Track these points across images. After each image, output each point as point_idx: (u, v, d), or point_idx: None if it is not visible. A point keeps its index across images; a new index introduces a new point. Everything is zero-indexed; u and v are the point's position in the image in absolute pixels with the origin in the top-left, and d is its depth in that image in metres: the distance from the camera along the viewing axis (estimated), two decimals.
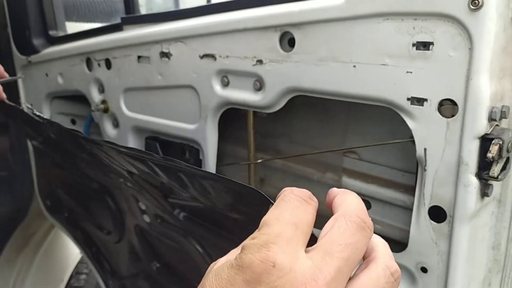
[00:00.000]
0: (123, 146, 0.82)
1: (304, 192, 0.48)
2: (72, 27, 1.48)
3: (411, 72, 0.76)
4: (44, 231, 1.73)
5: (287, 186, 1.17)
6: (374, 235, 0.49)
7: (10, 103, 1.17)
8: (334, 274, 0.40)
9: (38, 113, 1.04)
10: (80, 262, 1.91)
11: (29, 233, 1.68)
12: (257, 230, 0.44)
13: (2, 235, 1.61)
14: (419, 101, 0.76)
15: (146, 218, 1.11)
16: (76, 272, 1.89)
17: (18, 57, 1.47)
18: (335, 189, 0.51)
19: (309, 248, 0.43)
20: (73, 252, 1.89)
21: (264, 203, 0.57)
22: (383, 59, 0.78)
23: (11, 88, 1.53)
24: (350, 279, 0.43)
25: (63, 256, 1.84)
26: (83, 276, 1.90)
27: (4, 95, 1.21)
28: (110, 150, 0.87)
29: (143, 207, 1.10)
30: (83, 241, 1.52)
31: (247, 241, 0.42)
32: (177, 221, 1.00)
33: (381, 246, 0.48)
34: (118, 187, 1.12)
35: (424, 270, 0.83)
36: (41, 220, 1.64)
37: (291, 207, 0.45)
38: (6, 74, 1.23)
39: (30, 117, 1.08)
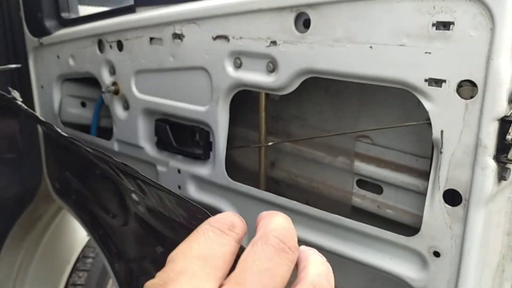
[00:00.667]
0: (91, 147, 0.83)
1: (224, 222, 0.43)
2: (85, 11, 1.48)
3: (429, 53, 0.75)
4: (51, 214, 1.73)
5: (298, 170, 1.17)
6: (310, 252, 0.45)
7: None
8: None
9: (26, 108, 1.04)
10: (87, 246, 1.91)
11: (37, 215, 1.68)
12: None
13: (10, 217, 1.62)
14: (438, 82, 0.75)
15: (141, 209, 1.11)
16: (83, 256, 1.90)
17: (30, 39, 1.46)
18: (264, 212, 0.47)
19: (225, 281, 0.39)
20: (79, 236, 1.89)
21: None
22: (401, 39, 0.77)
23: (23, 70, 1.53)
24: None
25: (69, 239, 1.85)
26: (90, 260, 1.90)
27: None
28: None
29: (136, 199, 1.09)
30: (90, 224, 1.52)
31: (148, 282, 0.39)
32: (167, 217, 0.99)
33: (312, 264, 0.43)
34: (116, 173, 1.12)
35: (436, 254, 0.82)
36: (48, 203, 1.65)
37: (203, 240, 0.41)
38: None
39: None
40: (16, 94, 1.06)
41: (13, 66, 1.27)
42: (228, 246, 0.41)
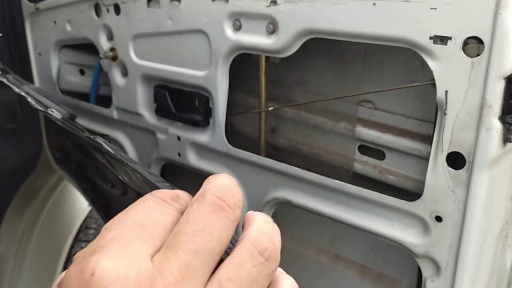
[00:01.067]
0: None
1: (168, 193, 0.41)
2: None
3: (435, 9, 0.72)
4: (52, 184, 1.73)
5: (299, 136, 1.14)
6: (256, 213, 0.43)
7: None
8: (179, 273, 0.33)
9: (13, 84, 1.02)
10: (89, 216, 1.92)
11: (37, 185, 1.68)
12: None
13: (10, 188, 1.61)
14: (443, 39, 0.72)
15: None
16: (85, 227, 1.91)
17: (26, 4, 1.43)
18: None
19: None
20: (81, 206, 1.89)
21: None
22: None
23: (19, 37, 1.50)
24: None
25: (71, 210, 1.85)
26: (92, 231, 1.91)
27: None
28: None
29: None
30: (91, 194, 1.52)
31: (78, 253, 0.36)
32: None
33: (255, 222, 0.41)
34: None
35: (438, 219, 0.80)
36: (49, 173, 1.64)
37: (142, 208, 0.39)
38: None
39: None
40: None
41: None
42: (168, 216, 0.39)
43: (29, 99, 1.00)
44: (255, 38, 0.95)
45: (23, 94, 1.03)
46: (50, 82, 1.48)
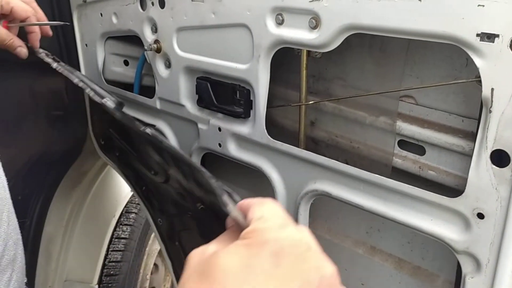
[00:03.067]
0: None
1: None
2: None
3: (483, 6, 0.71)
4: (96, 170, 1.80)
5: (338, 130, 1.16)
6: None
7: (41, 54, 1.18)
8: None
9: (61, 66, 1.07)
10: (130, 201, 1.99)
11: (83, 170, 1.76)
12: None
13: (58, 172, 1.69)
14: (490, 37, 0.72)
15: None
16: (126, 211, 1.98)
17: None
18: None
19: None
20: (123, 191, 1.97)
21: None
22: None
23: (66, 29, 1.56)
24: None
25: (114, 194, 1.93)
26: (133, 215, 1.98)
27: (50, 33, 1.22)
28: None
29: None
30: (134, 180, 1.57)
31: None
32: None
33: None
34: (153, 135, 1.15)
35: (480, 216, 0.80)
36: (94, 159, 1.71)
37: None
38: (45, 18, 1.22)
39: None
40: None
41: (62, 23, 1.29)
42: None
43: (88, 90, 1.05)
44: (297, 33, 0.96)
45: (80, 84, 1.08)
46: (95, 72, 1.54)
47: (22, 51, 1.14)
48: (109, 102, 1.05)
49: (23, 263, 0.76)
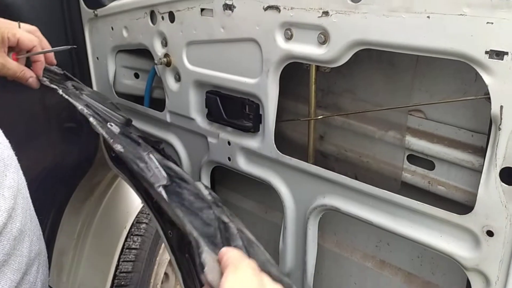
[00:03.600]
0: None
1: None
2: None
3: (491, 23, 0.71)
4: (108, 181, 1.81)
5: (347, 144, 1.16)
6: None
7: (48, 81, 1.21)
8: None
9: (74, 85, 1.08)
10: (141, 212, 2.00)
11: (94, 182, 1.77)
12: None
13: (70, 184, 1.71)
14: (499, 54, 0.71)
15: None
16: (137, 222, 1.99)
17: (85, 11, 1.51)
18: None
19: None
20: (134, 202, 1.97)
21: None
22: (461, 8, 0.73)
23: (78, 42, 1.58)
24: None
25: (125, 205, 1.93)
26: (143, 225, 1.99)
27: (55, 61, 1.24)
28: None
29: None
30: (144, 192, 1.58)
31: None
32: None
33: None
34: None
35: (490, 233, 0.80)
36: (105, 170, 1.72)
37: None
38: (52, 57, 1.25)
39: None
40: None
41: (69, 47, 1.32)
42: None
43: (91, 119, 1.07)
44: (306, 48, 0.97)
45: (84, 111, 1.10)
46: (106, 85, 1.55)
47: (34, 81, 1.18)
48: (114, 128, 1.06)
49: (46, 256, 0.82)
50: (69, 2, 1.55)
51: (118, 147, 1.01)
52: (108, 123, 1.07)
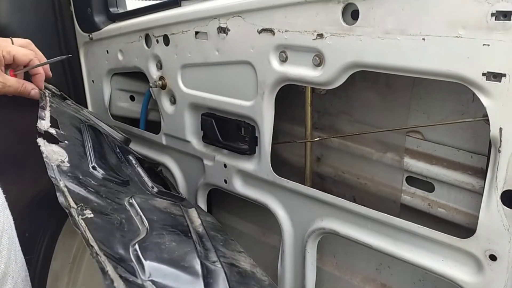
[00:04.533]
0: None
1: None
2: (133, 5, 1.50)
3: (488, 45, 0.70)
4: None
5: (345, 166, 1.15)
6: None
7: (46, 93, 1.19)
8: None
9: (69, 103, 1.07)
10: None
11: None
12: None
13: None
14: (496, 76, 0.71)
15: None
16: None
17: (81, 34, 1.50)
18: None
19: None
20: None
21: None
22: (457, 30, 0.73)
23: (74, 65, 1.57)
24: None
25: None
26: None
27: (50, 74, 1.23)
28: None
29: None
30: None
31: None
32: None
33: None
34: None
35: (493, 258, 0.78)
36: None
37: None
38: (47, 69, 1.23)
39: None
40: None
41: (64, 56, 1.31)
42: None
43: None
44: (301, 70, 0.96)
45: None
46: (102, 108, 1.54)
47: (37, 93, 1.17)
48: (98, 171, 1.02)
49: None
50: (64, 25, 1.54)
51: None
52: (91, 166, 0.99)
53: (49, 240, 1.61)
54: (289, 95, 1.09)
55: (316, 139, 1.08)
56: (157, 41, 1.26)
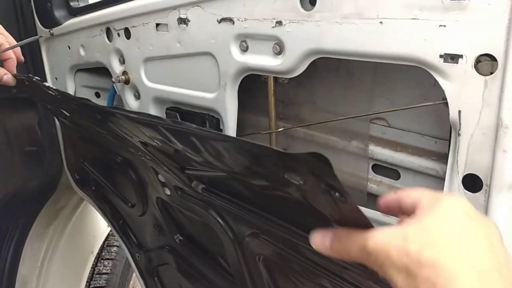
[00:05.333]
0: (134, 112, 0.79)
1: None
2: None
3: (444, 26, 0.69)
4: (73, 205, 1.75)
5: None
6: None
7: (23, 76, 1.14)
8: None
9: (48, 85, 1.02)
10: (111, 235, 1.93)
11: (59, 206, 1.70)
12: None
13: (33, 209, 1.64)
14: (454, 58, 0.69)
15: (167, 191, 1.09)
16: (107, 245, 1.92)
17: (41, 30, 1.46)
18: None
19: None
20: (102, 226, 1.91)
21: (280, 159, 0.52)
22: (413, 12, 0.71)
23: (36, 62, 1.53)
24: None
25: (92, 229, 1.87)
26: (114, 249, 1.92)
27: (22, 58, 1.18)
28: (123, 119, 0.84)
29: (163, 180, 1.07)
30: (110, 214, 1.53)
31: None
32: (196, 193, 0.97)
33: None
34: (138, 160, 1.10)
35: None
36: (70, 194, 1.66)
37: None
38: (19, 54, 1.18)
39: (43, 89, 1.06)
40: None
41: (37, 37, 1.26)
42: None
43: None
44: (262, 59, 0.93)
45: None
46: None
47: (9, 78, 1.12)
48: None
49: None
50: (25, 22, 1.50)
51: None
52: None
53: (16, 243, 1.57)
54: (252, 86, 1.06)
55: (280, 129, 1.05)
56: (118, 34, 1.22)
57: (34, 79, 1.08)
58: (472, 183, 0.72)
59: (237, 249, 0.97)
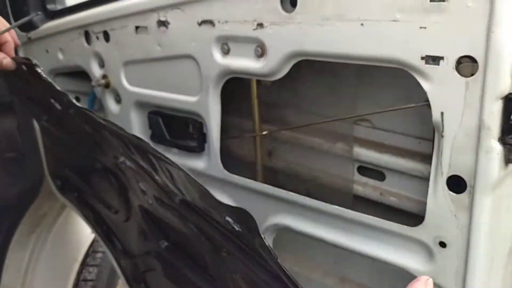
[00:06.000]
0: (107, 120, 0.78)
1: None
2: (72, 0, 1.42)
3: (425, 28, 0.68)
4: (56, 212, 1.71)
5: (296, 158, 1.10)
6: None
7: (22, 59, 1.11)
8: None
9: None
10: (96, 240, 1.90)
11: (41, 213, 1.67)
12: None
13: (14, 217, 1.60)
14: (435, 59, 0.69)
15: (148, 199, 1.07)
16: (92, 251, 1.89)
17: (18, 34, 1.42)
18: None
19: None
20: (86, 232, 1.87)
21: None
22: (394, 14, 0.71)
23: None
24: None
25: (76, 236, 1.83)
26: (99, 255, 1.89)
27: (18, 42, 1.15)
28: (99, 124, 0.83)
29: (143, 188, 1.06)
30: (94, 220, 1.50)
31: None
32: (174, 204, 0.96)
33: None
34: (119, 167, 1.08)
35: (442, 245, 0.76)
36: (52, 200, 1.63)
37: None
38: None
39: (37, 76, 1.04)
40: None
41: (32, 15, 1.23)
42: None
43: None
44: (244, 62, 0.92)
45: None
46: None
47: (8, 62, 1.09)
48: None
49: None
50: None
51: None
52: None
53: None
54: (235, 88, 1.05)
55: (264, 133, 1.04)
56: (97, 37, 1.20)
57: (34, 62, 1.05)
58: (456, 184, 0.72)
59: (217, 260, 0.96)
